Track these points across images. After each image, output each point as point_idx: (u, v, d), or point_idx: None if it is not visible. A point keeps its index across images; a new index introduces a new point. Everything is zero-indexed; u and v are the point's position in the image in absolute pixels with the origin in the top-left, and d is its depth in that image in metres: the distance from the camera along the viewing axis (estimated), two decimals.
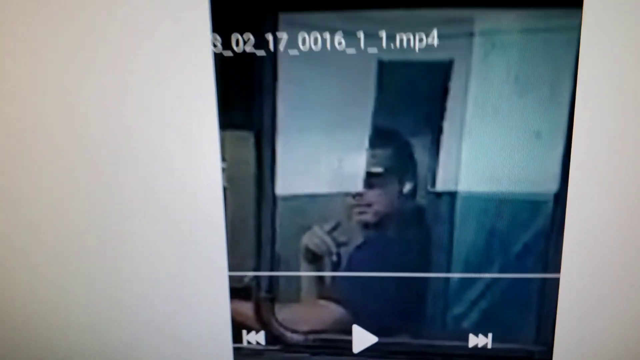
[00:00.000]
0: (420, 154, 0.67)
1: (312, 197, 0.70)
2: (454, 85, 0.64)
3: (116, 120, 0.62)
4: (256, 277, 0.72)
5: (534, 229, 0.68)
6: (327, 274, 0.73)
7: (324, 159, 0.67)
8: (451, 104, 0.65)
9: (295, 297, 0.74)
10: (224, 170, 0.68)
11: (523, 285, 0.69)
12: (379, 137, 0.67)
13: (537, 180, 0.66)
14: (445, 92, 0.65)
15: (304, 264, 0.73)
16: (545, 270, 0.69)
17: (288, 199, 0.70)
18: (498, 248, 0.69)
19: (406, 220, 0.71)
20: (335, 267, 0.72)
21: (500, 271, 0.70)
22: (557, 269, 0.67)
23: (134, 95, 0.61)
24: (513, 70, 0.63)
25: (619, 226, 0.62)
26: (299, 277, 0.73)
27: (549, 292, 0.68)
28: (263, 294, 0.73)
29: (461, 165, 0.67)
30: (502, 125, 0.65)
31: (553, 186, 0.66)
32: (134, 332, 0.70)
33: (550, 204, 0.66)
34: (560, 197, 0.65)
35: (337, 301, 0.72)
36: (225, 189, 0.68)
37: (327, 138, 0.67)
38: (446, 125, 0.66)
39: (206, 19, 0.58)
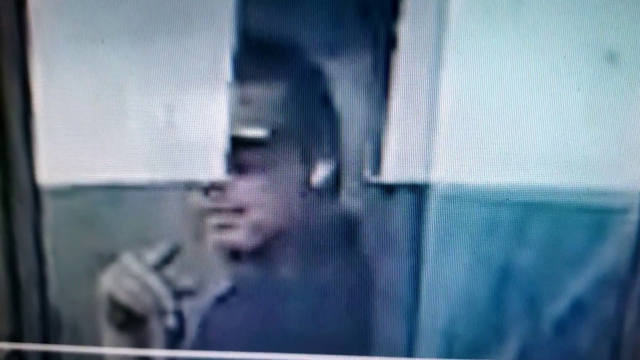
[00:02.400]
0: (348, 98, 0.41)
1: (116, 190, 0.44)
2: None
3: None
4: (16, 353, 0.48)
5: (597, 269, 0.43)
6: (159, 353, 0.47)
7: (136, 105, 0.42)
8: None
9: None
10: None
11: None
12: (256, 55, 0.42)
13: (605, 163, 0.42)
14: None
15: (109, 331, 0.47)
16: (617, 356, 0.44)
17: (64, 193, 0.45)
18: (518, 308, 0.45)
19: (320, 244, 0.44)
20: (175, 340, 0.47)
21: (522, 356, 0.45)
22: None
23: None
24: None
25: None
26: (100, 359, 0.49)
27: None
28: None
29: (439, 126, 0.41)
30: (528, 34, 0.40)
31: None
32: None
33: (634, 216, 0.42)
34: None
35: None
36: None
37: (138, 57, 0.41)
38: (404, 30, 0.40)
39: None
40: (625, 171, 0.42)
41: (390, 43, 0.40)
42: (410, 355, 0.46)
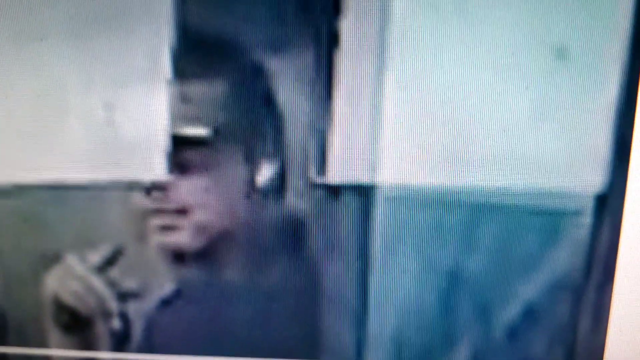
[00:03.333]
0: (291, 96, 0.40)
1: (57, 190, 0.44)
2: None
3: None
4: None
5: (549, 273, 0.42)
6: (105, 356, 0.47)
7: (76, 103, 0.42)
8: None
9: None
10: None
11: None
12: (196, 52, 0.41)
13: (556, 164, 0.41)
14: None
15: (55, 333, 0.47)
16: None
17: (5, 193, 0.44)
18: (469, 313, 0.44)
19: (266, 246, 0.44)
20: (120, 342, 0.46)
21: None
22: (598, 359, 0.44)
23: None
24: None
25: None
26: None
27: None
28: None
29: (384, 125, 0.40)
30: (475, 29, 0.39)
31: (593, 177, 0.41)
32: None
33: (586, 218, 0.42)
34: (610, 201, 0.41)
35: None
36: None
37: (77, 54, 0.41)
38: (346, 25, 0.39)
39: None
40: (577, 172, 0.41)
41: (332, 40, 0.39)
42: None
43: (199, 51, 0.40)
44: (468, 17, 0.39)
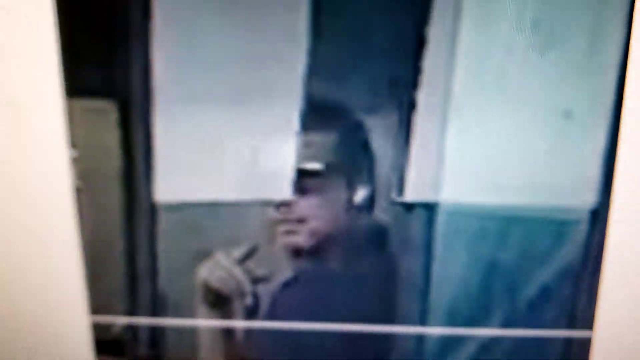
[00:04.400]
0: (381, 143, 0.58)
1: (213, 206, 0.60)
2: (435, 32, 0.54)
3: None
4: (131, 326, 0.64)
5: (558, 264, 0.60)
6: (239, 324, 0.63)
7: (230, 146, 0.58)
8: (430, 62, 0.55)
9: (191, 357, 0.65)
10: (74, 162, 0.57)
11: (537, 347, 0.61)
12: (317, 113, 0.57)
13: (563, 188, 0.58)
14: (420, 42, 0.55)
15: (203, 308, 0.64)
16: (572, 326, 0.61)
17: (174, 208, 0.61)
18: (501, 291, 0.61)
19: (359, 245, 0.61)
20: (251, 314, 0.63)
21: (504, 326, 0.61)
22: (590, 324, 0.59)
23: None
24: (529, 10, 0.53)
25: None
26: (195, 329, 0.64)
27: (576, 359, 0.61)
28: (143, 349, 0.65)
29: (445, 162, 0.58)
30: (510, 99, 0.55)
31: (589, 197, 0.57)
32: None
33: (584, 226, 0.59)
34: (600, 214, 0.57)
35: None
36: (78, 192, 0.58)
37: (233, 113, 0.57)
38: (421, 97, 0.56)
39: None
40: (578, 194, 0.58)
41: (411, 106, 0.56)
42: (423, 324, 0.62)
43: (319, 111, 0.57)
44: (505, 93, 0.55)
